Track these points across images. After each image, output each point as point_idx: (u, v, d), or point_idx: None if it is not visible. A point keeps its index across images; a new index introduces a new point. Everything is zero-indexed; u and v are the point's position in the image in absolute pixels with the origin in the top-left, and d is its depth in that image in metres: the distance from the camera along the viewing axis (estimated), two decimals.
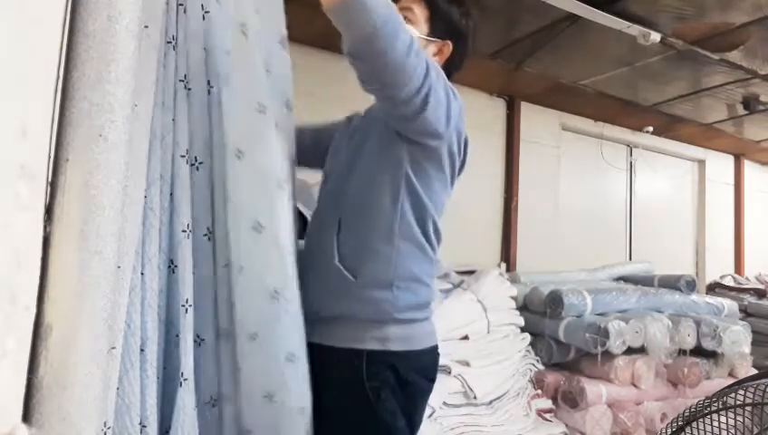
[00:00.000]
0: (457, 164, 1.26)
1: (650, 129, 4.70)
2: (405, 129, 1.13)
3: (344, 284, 1.12)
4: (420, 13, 1.22)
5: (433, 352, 1.23)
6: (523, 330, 2.90)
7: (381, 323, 1.13)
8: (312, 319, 1.13)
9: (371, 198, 1.14)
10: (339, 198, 1.17)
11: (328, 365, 1.12)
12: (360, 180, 1.16)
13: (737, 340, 3.00)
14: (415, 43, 1.01)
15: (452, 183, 1.29)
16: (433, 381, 1.24)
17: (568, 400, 2.70)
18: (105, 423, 0.73)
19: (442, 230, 1.24)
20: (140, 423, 0.87)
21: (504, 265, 3.96)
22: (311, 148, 1.36)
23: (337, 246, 1.13)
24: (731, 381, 1.87)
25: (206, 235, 1.05)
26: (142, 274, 0.90)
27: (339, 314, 1.14)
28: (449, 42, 1.25)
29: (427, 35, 1.22)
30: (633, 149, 4.98)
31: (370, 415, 1.10)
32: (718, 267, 5.36)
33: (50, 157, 0.60)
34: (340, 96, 1.50)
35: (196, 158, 1.03)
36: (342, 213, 1.15)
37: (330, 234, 1.15)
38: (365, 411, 1.11)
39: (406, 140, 1.13)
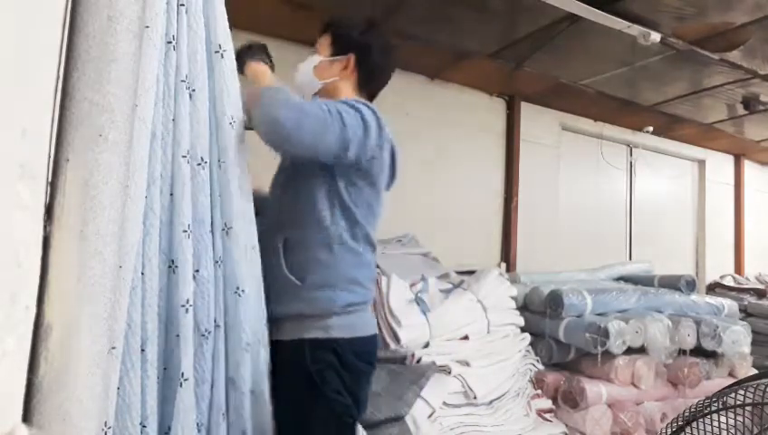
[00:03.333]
0: (387, 175, 1.46)
1: (650, 129, 4.70)
2: (310, 158, 1.31)
3: (293, 288, 1.31)
4: (324, 41, 1.50)
5: (372, 340, 1.43)
6: (523, 330, 2.90)
7: (324, 317, 1.31)
8: (278, 320, 1.31)
9: (311, 218, 1.33)
10: (282, 221, 1.37)
11: (280, 357, 1.30)
12: (299, 205, 1.35)
13: (737, 340, 2.99)
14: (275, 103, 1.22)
15: (384, 190, 1.50)
16: (373, 365, 1.43)
17: (568, 400, 2.70)
18: (105, 423, 0.73)
19: (375, 240, 1.44)
20: (141, 423, 0.87)
21: (503, 265, 3.95)
22: None
23: (284, 260, 1.32)
24: (731, 381, 1.87)
25: (210, 231, 1.06)
26: (142, 273, 0.91)
27: (289, 314, 1.32)
28: (351, 55, 1.48)
29: (330, 56, 1.49)
30: (633, 149, 4.98)
31: (318, 395, 1.27)
32: (718, 267, 5.35)
33: (50, 157, 0.60)
34: None
35: (202, 157, 1.03)
36: (287, 233, 1.34)
37: (278, 251, 1.33)
38: (313, 392, 1.27)
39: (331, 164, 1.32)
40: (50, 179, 0.60)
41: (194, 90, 1.02)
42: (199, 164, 1.03)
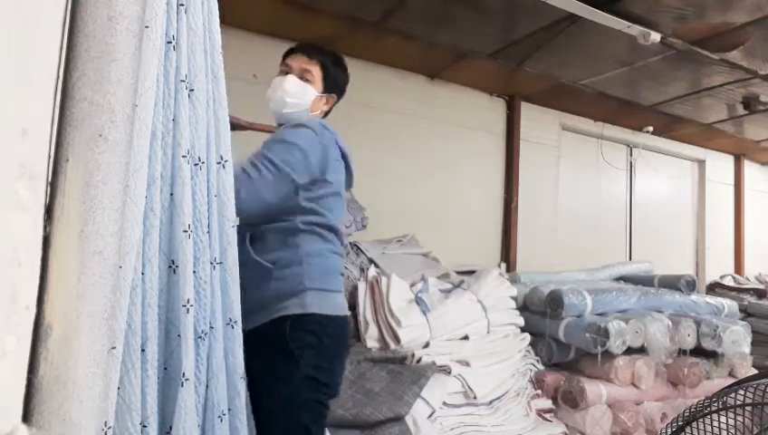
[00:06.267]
0: (344, 177, 1.59)
1: (650, 129, 4.70)
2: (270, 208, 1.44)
3: (266, 272, 1.39)
4: (317, 74, 1.59)
5: (345, 321, 1.52)
6: (523, 330, 2.90)
7: (300, 293, 1.40)
8: (247, 310, 1.31)
9: (271, 215, 1.42)
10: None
11: (258, 340, 1.30)
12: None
13: (737, 340, 3.00)
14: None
15: (345, 187, 1.62)
16: (346, 347, 1.55)
17: (568, 400, 2.70)
18: (105, 423, 0.73)
19: (337, 227, 1.54)
20: (141, 423, 0.87)
21: (503, 265, 3.96)
22: None
23: (252, 249, 1.39)
24: (731, 381, 1.87)
25: (207, 232, 1.06)
26: (143, 274, 0.91)
27: (265, 296, 1.37)
28: (334, 95, 1.64)
29: (322, 92, 1.61)
30: (633, 149, 4.98)
31: (297, 371, 1.34)
32: (718, 267, 5.36)
33: (50, 157, 0.60)
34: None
35: (199, 158, 1.03)
36: (252, 229, 1.40)
37: (245, 241, 1.38)
38: (292, 369, 1.34)
39: None
40: (50, 179, 0.60)
41: (192, 90, 1.02)
42: (197, 165, 1.03)
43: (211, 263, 1.07)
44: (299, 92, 1.57)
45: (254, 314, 1.34)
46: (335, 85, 1.64)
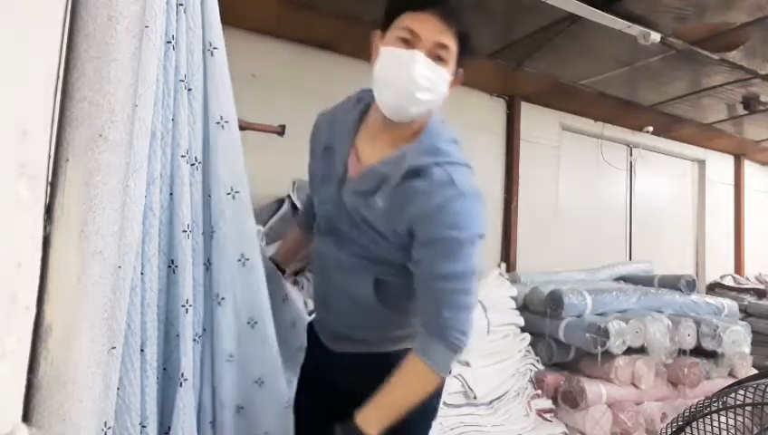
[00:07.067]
0: None
1: (650, 129, 4.70)
2: None
3: (387, 318, 1.24)
4: (453, 48, 1.10)
5: None
6: (523, 330, 2.90)
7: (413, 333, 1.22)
8: (357, 340, 1.27)
9: (397, 265, 1.19)
10: (372, 261, 1.21)
11: (371, 366, 1.19)
12: (386, 259, 1.20)
13: (737, 340, 3.00)
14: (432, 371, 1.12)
15: None
16: None
17: (568, 400, 2.71)
18: (105, 423, 0.73)
19: None
20: (140, 423, 0.87)
21: (503, 265, 3.95)
22: None
23: (376, 296, 1.21)
24: (731, 381, 1.87)
25: (203, 233, 1.05)
26: (142, 274, 0.91)
27: (386, 337, 1.27)
28: (461, 69, 1.18)
29: (453, 73, 1.15)
30: (633, 149, 4.98)
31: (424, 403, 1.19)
32: (718, 267, 5.35)
33: (50, 157, 0.60)
34: (342, 94, 1.54)
35: (196, 158, 1.03)
36: (378, 274, 1.20)
37: (366, 285, 1.21)
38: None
39: None
40: (50, 179, 0.60)
41: (190, 89, 1.02)
42: (193, 165, 1.03)
43: (204, 264, 1.07)
44: (433, 81, 1.09)
45: (367, 344, 1.27)
46: (468, 54, 1.15)
